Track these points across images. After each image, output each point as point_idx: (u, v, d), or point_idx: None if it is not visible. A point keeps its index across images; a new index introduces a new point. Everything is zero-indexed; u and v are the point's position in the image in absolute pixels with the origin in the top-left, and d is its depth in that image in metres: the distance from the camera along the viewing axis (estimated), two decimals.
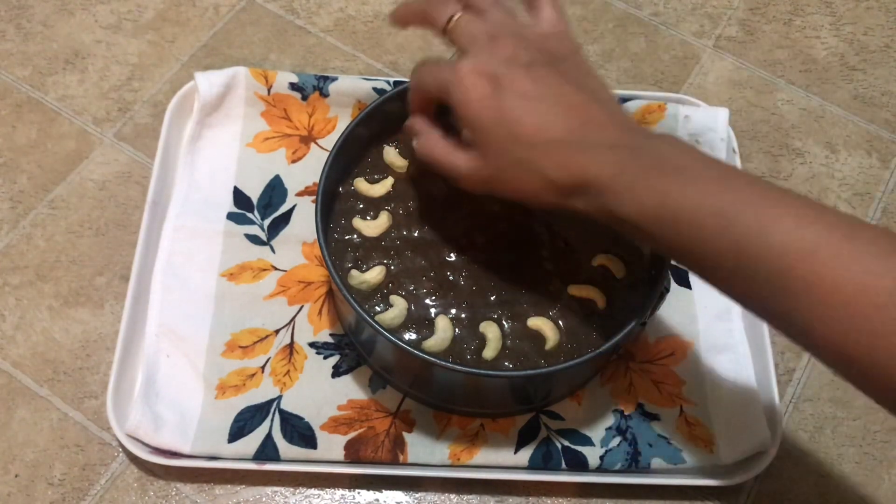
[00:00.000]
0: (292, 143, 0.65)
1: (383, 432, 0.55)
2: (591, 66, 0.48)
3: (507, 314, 0.52)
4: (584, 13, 0.75)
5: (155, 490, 0.54)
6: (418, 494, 0.55)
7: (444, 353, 0.50)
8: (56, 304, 0.59)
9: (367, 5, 0.74)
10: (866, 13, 0.77)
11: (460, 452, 0.54)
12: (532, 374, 0.50)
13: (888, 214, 0.67)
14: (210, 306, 0.58)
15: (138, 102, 0.68)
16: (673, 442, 0.55)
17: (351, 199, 0.55)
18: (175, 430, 0.53)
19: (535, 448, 0.55)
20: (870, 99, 0.72)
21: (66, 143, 0.65)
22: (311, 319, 0.58)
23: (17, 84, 0.68)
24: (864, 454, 0.58)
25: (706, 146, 0.66)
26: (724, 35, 0.75)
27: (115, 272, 0.60)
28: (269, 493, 0.54)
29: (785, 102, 0.72)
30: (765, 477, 0.56)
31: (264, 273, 0.60)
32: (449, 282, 0.53)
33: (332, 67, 0.70)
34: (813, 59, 0.74)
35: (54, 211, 0.63)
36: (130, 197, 0.63)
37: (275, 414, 0.55)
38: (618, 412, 0.57)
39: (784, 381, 0.60)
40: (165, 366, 0.55)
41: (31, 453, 0.55)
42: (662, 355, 0.59)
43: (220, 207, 0.62)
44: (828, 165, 0.69)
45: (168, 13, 0.72)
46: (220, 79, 0.64)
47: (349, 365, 0.57)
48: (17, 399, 0.56)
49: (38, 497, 0.53)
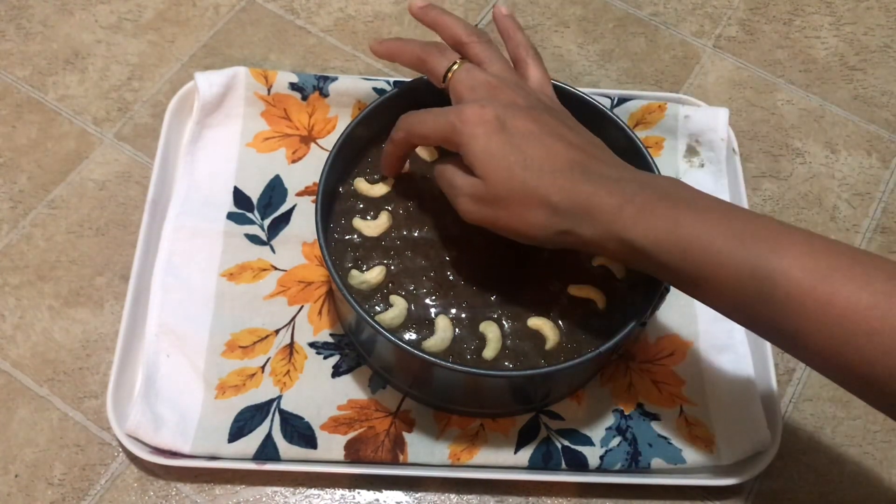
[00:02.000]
0: (292, 143, 0.65)
1: (383, 432, 0.55)
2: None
3: (507, 314, 0.52)
4: (584, 13, 0.75)
5: (155, 490, 0.54)
6: (418, 494, 0.55)
7: (444, 353, 0.50)
8: (56, 304, 0.59)
9: (367, 5, 0.74)
10: (866, 13, 0.77)
11: (460, 452, 0.54)
12: (532, 374, 0.50)
13: (888, 214, 0.67)
14: (210, 306, 0.58)
15: (138, 102, 0.68)
16: (673, 442, 0.55)
17: (351, 199, 0.55)
18: (175, 429, 0.53)
19: (535, 448, 0.55)
20: (870, 99, 0.72)
21: (66, 143, 0.65)
22: (311, 319, 0.58)
23: (17, 84, 0.68)
24: (864, 454, 0.58)
25: (706, 146, 0.66)
26: (724, 35, 0.75)
27: (115, 272, 0.60)
28: (269, 493, 0.54)
29: (785, 102, 0.72)
30: (765, 477, 0.56)
31: (264, 273, 0.60)
32: (449, 282, 0.53)
33: (332, 67, 0.70)
34: (813, 59, 0.74)
35: (54, 211, 0.63)
36: (130, 197, 0.63)
37: (275, 414, 0.55)
38: (618, 412, 0.57)
39: (784, 381, 0.60)
40: (165, 366, 0.55)
41: (31, 453, 0.55)
42: (662, 355, 0.59)
43: (220, 207, 0.62)
44: (828, 165, 0.69)
45: (168, 13, 0.72)
46: (220, 79, 0.64)
47: (349, 365, 0.57)
48: (17, 399, 0.56)
49: (38, 497, 0.53)
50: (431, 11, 0.53)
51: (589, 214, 0.44)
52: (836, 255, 0.40)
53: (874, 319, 0.38)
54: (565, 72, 0.72)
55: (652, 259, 0.44)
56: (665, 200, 0.44)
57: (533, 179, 0.45)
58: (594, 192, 0.44)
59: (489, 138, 0.46)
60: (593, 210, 0.44)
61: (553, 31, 0.74)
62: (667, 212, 0.43)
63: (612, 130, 0.57)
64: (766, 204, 0.67)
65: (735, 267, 0.41)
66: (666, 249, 0.43)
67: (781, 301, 0.40)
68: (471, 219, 0.48)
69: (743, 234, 0.41)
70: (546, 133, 0.47)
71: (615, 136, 0.57)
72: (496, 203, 0.46)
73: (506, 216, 0.47)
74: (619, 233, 0.44)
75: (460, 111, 0.47)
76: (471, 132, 0.46)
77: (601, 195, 0.44)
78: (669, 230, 0.43)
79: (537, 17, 0.75)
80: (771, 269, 0.40)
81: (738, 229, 0.42)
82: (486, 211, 0.47)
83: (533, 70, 0.52)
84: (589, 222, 0.44)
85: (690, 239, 0.42)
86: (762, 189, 0.68)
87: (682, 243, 0.42)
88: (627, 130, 0.56)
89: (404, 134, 0.51)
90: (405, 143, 0.51)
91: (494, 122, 0.46)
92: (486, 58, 0.51)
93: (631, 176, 0.46)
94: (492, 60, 0.51)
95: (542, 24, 0.74)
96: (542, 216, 0.45)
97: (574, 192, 0.45)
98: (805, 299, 0.39)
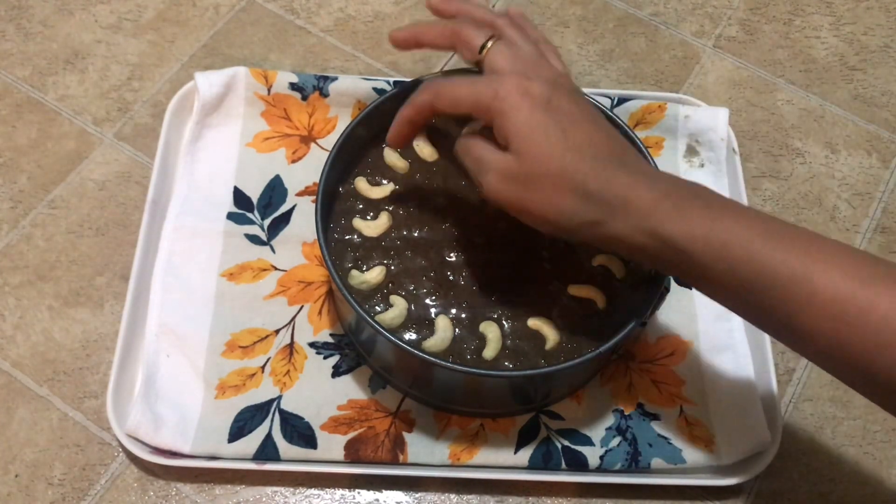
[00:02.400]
0: (292, 143, 0.65)
1: (383, 432, 0.55)
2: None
3: (507, 314, 0.52)
4: (584, 13, 0.75)
5: (155, 490, 0.54)
6: (418, 494, 0.55)
7: (444, 353, 0.50)
8: (56, 304, 0.59)
9: (367, 5, 0.74)
10: (866, 13, 0.77)
11: (460, 452, 0.54)
12: (532, 374, 0.50)
13: (888, 214, 0.67)
14: (210, 306, 0.58)
15: (138, 102, 0.68)
16: (673, 442, 0.55)
17: (351, 199, 0.55)
18: (175, 429, 0.53)
19: (535, 448, 0.55)
20: (870, 99, 0.72)
21: (66, 143, 0.65)
22: (311, 319, 0.58)
23: (17, 84, 0.68)
24: (864, 454, 0.58)
25: (706, 146, 0.66)
26: (724, 35, 0.75)
27: (115, 272, 0.60)
28: (269, 493, 0.54)
29: (785, 102, 0.72)
30: (765, 477, 0.56)
31: (264, 273, 0.60)
32: (449, 282, 0.53)
33: (332, 67, 0.70)
34: (813, 59, 0.74)
35: (54, 211, 0.63)
36: (130, 197, 0.63)
37: (275, 414, 0.55)
38: (618, 412, 0.57)
39: (784, 381, 0.60)
40: (165, 366, 0.55)
41: (31, 453, 0.55)
42: (662, 355, 0.59)
43: (220, 207, 0.62)
44: (828, 165, 0.69)
45: (168, 13, 0.72)
46: (220, 79, 0.64)
47: (349, 365, 0.57)
48: (17, 399, 0.56)
49: (38, 497, 0.53)
50: (454, 2, 0.50)
51: (624, 207, 0.43)
52: (873, 264, 0.39)
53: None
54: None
55: (684, 256, 0.42)
56: (699, 199, 0.43)
57: (574, 163, 0.43)
58: (632, 183, 0.43)
59: (532, 112, 0.43)
60: (629, 203, 0.43)
61: (553, 31, 0.74)
62: (703, 211, 0.42)
63: None
64: (766, 204, 0.67)
65: (772, 269, 0.40)
66: (700, 248, 0.42)
67: (819, 306, 0.39)
68: (497, 198, 0.45)
69: (780, 238, 0.41)
70: (588, 119, 0.45)
71: None
72: (528, 183, 0.44)
73: (536, 199, 0.44)
74: (655, 227, 0.42)
75: (503, 80, 0.44)
76: (515, 103, 0.44)
77: (639, 188, 0.43)
78: (707, 228, 0.42)
79: (537, 17, 0.75)
80: (810, 272, 0.39)
81: (776, 232, 0.41)
82: (515, 190, 0.44)
83: (554, 61, 0.50)
84: (623, 215, 0.43)
85: (728, 237, 0.41)
86: (762, 189, 0.68)
87: (719, 242, 0.41)
88: (627, 130, 0.56)
89: (430, 96, 0.47)
90: (428, 107, 0.47)
91: (540, 96, 0.44)
92: (518, 39, 0.48)
93: (665, 174, 0.45)
94: (526, 41, 0.48)
95: (542, 24, 0.74)
96: (575, 203, 0.43)
97: (612, 182, 0.43)
98: (846, 305, 0.38)
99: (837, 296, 0.39)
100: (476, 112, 0.45)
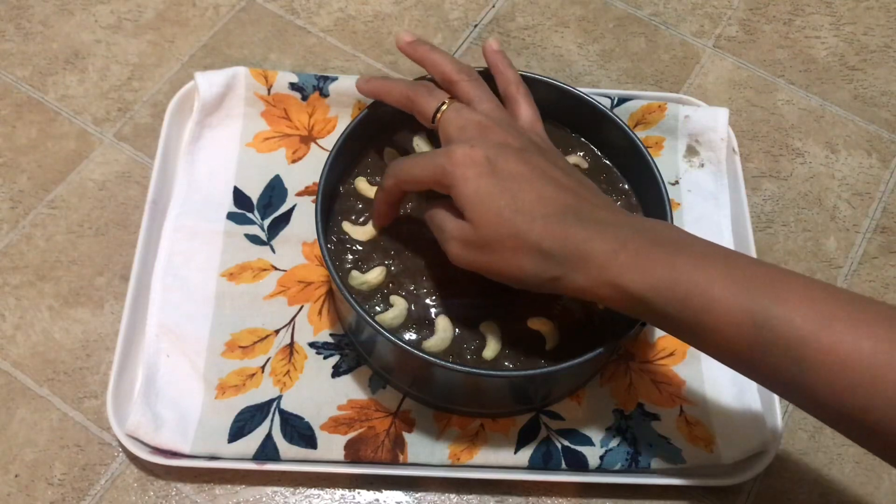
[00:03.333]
0: (292, 143, 0.65)
1: (383, 432, 0.55)
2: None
3: (507, 314, 0.52)
4: (584, 13, 0.75)
5: (155, 490, 0.54)
6: (418, 494, 0.55)
7: (444, 353, 0.50)
8: (56, 304, 0.59)
9: (367, 5, 0.74)
10: (866, 13, 0.77)
11: (460, 452, 0.54)
12: (532, 374, 0.50)
13: (888, 214, 0.67)
14: (210, 306, 0.58)
15: (138, 102, 0.68)
16: (673, 442, 0.55)
17: (351, 199, 0.55)
18: (175, 430, 0.53)
19: (535, 448, 0.55)
20: (870, 99, 0.72)
21: (66, 143, 0.65)
22: (311, 319, 0.58)
23: (17, 84, 0.68)
24: (864, 454, 0.58)
25: (706, 146, 0.66)
26: (724, 35, 0.75)
27: (115, 272, 0.60)
28: (269, 493, 0.54)
29: (785, 102, 0.72)
30: (765, 477, 0.56)
31: (264, 273, 0.60)
32: (449, 282, 0.53)
33: (332, 67, 0.70)
34: (813, 59, 0.74)
35: (54, 211, 0.63)
36: (130, 197, 0.63)
37: (275, 414, 0.55)
38: (618, 412, 0.57)
39: None
40: (165, 366, 0.55)
41: (31, 453, 0.55)
42: (662, 355, 0.59)
43: (220, 207, 0.62)
44: (828, 165, 0.69)
45: (168, 13, 0.72)
46: (220, 79, 0.64)
47: (349, 365, 0.57)
48: (17, 399, 0.56)
49: (38, 497, 0.53)
50: (420, 48, 0.53)
51: (582, 261, 0.43)
52: (836, 302, 0.39)
53: (877, 367, 0.37)
54: (565, 72, 0.72)
55: (648, 306, 0.42)
56: (661, 245, 0.42)
57: (523, 224, 0.44)
58: (587, 237, 0.43)
59: (479, 180, 0.45)
60: (586, 256, 0.43)
61: (553, 31, 0.74)
62: (663, 257, 0.42)
63: (612, 130, 0.57)
64: (766, 204, 0.67)
65: (734, 314, 0.40)
66: (662, 296, 0.41)
67: (783, 349, 0.39)
68: (460, 263, 0.47)
69: (742, 281, 0.40)
70: (537, 175, 0.45)
71: (615, 136, 0.57)
72: (486, 248, 0.45)
73: (496, 261, 0.45)
74: (614, 279, 0.42)
75: (450, 152, 0.46)
76: (461, 174, 0.45)
77: (595, 241, 0.43)
78: (666, 276, 0.41)
79: (537, 17, 0.75)
80: (771, 316, 0.39)
81: (737, 276, 0.40)
82: (476, 256, 0.46)
83: (523, 108, 0.51)
84: (582, 269, 0.43)
85: (688, 286, 0.41)
86: (762, 189, 0.68)
87: (680, 290, 0.41)
88: (627, 130, 0.56)
89: (395, 181, 0.49)
90: (396, 190, 0.50)
91: (484, 163, 0.45)
92: (476, 96, 0.49)
93: (625, 220, 0.45)
94: (481, 99, 0.49)
95: (542, 24, 0.74)
96: (533, 262, 0.44)
97: (566, 238, 0.43)
98: (807, 348, 0.38)
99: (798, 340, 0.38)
100: (435, 187, 0.47)
